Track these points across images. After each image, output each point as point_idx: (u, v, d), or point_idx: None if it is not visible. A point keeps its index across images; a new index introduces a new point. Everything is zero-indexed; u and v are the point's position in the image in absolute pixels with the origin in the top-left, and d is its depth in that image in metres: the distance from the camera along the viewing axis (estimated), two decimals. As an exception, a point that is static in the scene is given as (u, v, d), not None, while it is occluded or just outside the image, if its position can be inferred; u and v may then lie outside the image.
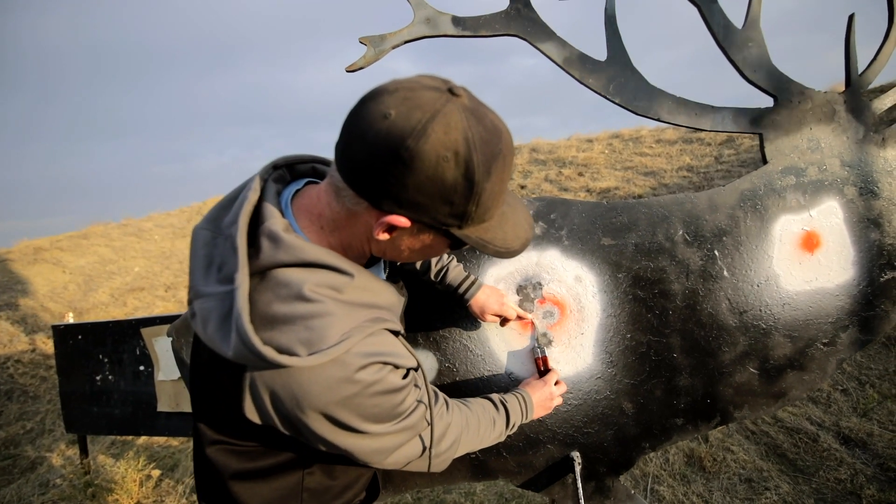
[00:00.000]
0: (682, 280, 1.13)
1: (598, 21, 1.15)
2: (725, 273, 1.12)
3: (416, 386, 0.67)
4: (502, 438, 0.91)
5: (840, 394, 2.47)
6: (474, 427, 0.84)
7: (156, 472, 2.48)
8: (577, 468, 1.15)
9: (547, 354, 1.12)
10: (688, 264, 1.13)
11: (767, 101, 1.14)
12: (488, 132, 0.53)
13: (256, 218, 0.60)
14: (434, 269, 1.06)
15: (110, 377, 2.54)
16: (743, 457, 2.13)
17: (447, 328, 1.18)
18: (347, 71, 1.16)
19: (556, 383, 1.05)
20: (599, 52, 1.15)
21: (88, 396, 2.62)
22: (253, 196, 0.61)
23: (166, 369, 2.34)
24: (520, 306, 1.16)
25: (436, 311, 1.17)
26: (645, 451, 1.18)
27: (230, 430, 0.69)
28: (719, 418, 1.16)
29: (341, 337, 0.56)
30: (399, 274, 0.94)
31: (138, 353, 2.45)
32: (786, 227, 1.12)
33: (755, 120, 1.13)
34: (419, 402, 0.68)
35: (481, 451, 1.20)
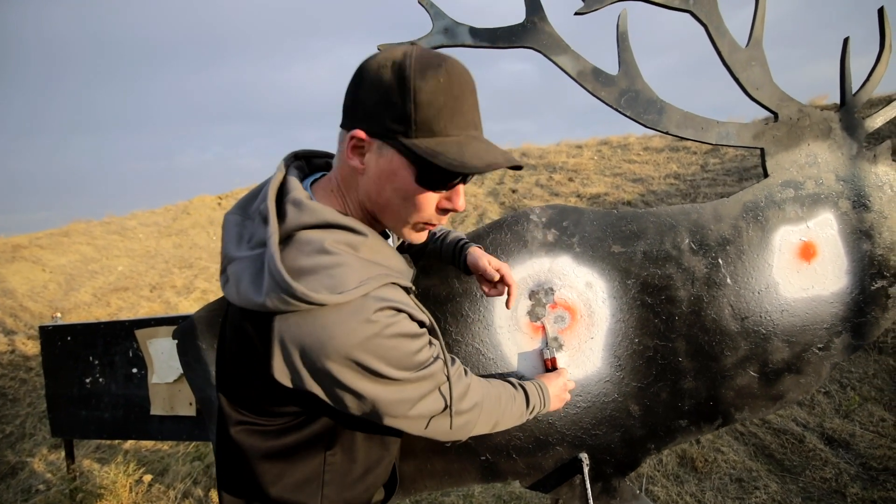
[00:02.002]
0: (688, 287, 1.17)
1: (609, 33, 1.20)
2: (729, 280, 1.17)
3: (430, 343, 0.70)
4: (523, 420, 0.92)
5: (823, 396, 2.57)
6: (495, 397, 0.84)
7: (147, 477, 2.44)
8: (586, 469, 1.18)
9: (556, 356, 1.15)
10: (693, 272, 1.17)
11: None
12: (430, 53, 0.61)
13: (282, 193, 0.67)
14: (433, 241, 1.13)
15: (101, 379, 2.48)
16: (733, 457, 2.20)
17: (459, 332, 1.20)
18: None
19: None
20: (610, 64, 1.20)
21: (77, 399, 2.55)
22: (279, 174, 0.70)
23: (161, 372, 2.30)
24: (532, 311, 1.19)
25: (448, 315, 1.20)
26: (650, 451, 1.22)
27: (255, 407, 0.70)
28: (721, 420, 1.20)
29: (359, 283, 0.61)
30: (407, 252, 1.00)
31: (131, 355, 2.40)
32: (785, 238, 1.18)
33: (757, 136, 1.19)
34: (436, 357, 0.70)
35: (491, 452, 1.22)
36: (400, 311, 0.63)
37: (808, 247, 1.17)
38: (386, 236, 0.80)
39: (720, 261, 1.18)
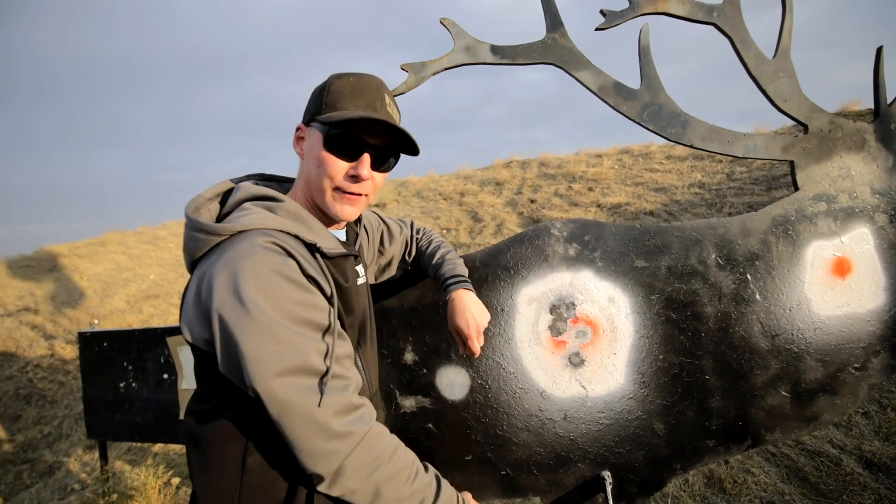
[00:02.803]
0: (715, 303, 1.15)
1: (630, 46, 1.20)
2: (758, 297, 1.14)
3: (318, 308, 0.68)
4: (416, 499, 0.72)
5: (861, 417, 2.44)
6: (390, 451, 0.71)
7: (175, 480, 2.51)
8: (609, 488, 1.16)
9: None
10: (720, 287, 1.15)
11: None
12: (356, 73, 0.80)
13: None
14: (419, 254, 1.15)
15: (134, 384, 2.58)
16: (764, 479, 2.11)
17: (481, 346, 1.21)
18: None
19: None
20: (632, 78, 1.19)
21: (111, 403, 2.66)
22: (223, 185, 0.81)
23: (190, 378, 2.38)
24: (553, 325, 1.18)
25: (470, 329, 1.20)
26: (676, 472, 1.18)
27: (198, 388, 0.76)
28: (751, 441, 1.17)
29: (261, 223, 0.70)
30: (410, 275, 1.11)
31: (162, 361, 2.49)
32: (818, 253, 1.14)
33: (786, 148, 1.16)
34: (321, 330, 0.67)
35: (511, 467, 1.21)
36: (290, 255, 0.68)
37: (842, 262, 1.13)
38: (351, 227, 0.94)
39: (749, 276, 1.15)
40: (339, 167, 0.75)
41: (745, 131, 1.18)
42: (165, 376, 2.49)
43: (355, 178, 0.76)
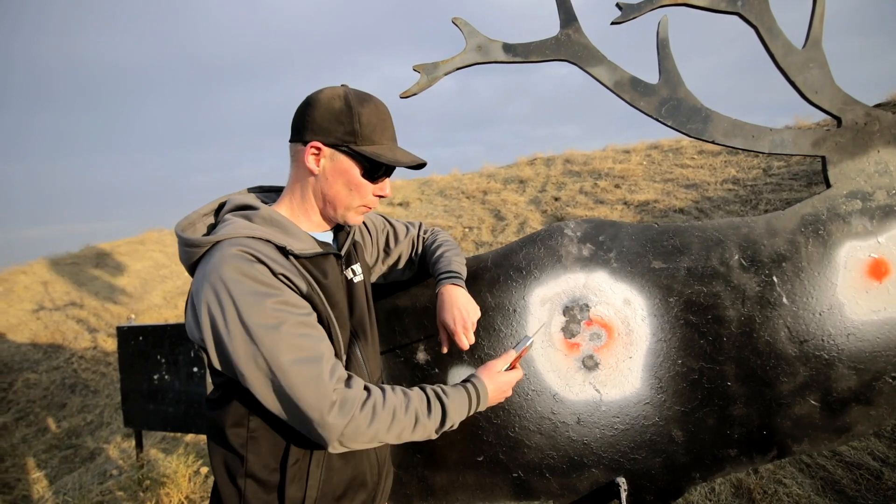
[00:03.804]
0: (738, 306, 1.10)
1: (648, 39, 1.16)
2: (785, 300, 1.08)
3: (289, 304, 0.73)
4: (433, 435, 0.82)
5: (909, 428, 2.28)
6: (390, 407, 0.76)
7: (204, 469, 2.61)
8: (623, 494, 1.13)
9: (524, 350, 0.96)
10: (744, 290, 1.10)
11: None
12: (362, 92, 0.85)
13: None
14: (423, 251, 1.17)
15: (166, 377, 2.71)
16: (797, 491, 2.01)
17: (492, 346, 1.20)
18: (402, 97, 1.21)
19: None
20: (650, 73, 1.15)
21: (146, 394, 2.80)
22: (220, 199, 0.87)
23: (217, 372, 2.47)
24: (566, 327, 1.16)
25: (480, 328, 1.20)
26: (695, 481, 1.14)
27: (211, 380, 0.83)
28: (776, 451, 1.11)
29: (234, 232, 0.76)
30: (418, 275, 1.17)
31: (192, 355, 2.60)
32: (851, 254, 1.07)
33: (817, 143, 1.10)
34: (295, 319, 0.72)
35: (523, 469, 1.20)
36: (260, 260, 0.73)
37: (878, 264, 1.06)
38: (340, 227, 0.96)
39: (775, 278, 1.09)
40: (369, 189, 0.86)
41: (783, 125, 1.12)
42: (195, 370, 2.60)
43: (381, 196, 0.89)
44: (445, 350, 1.04)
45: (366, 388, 0.76)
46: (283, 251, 0.77)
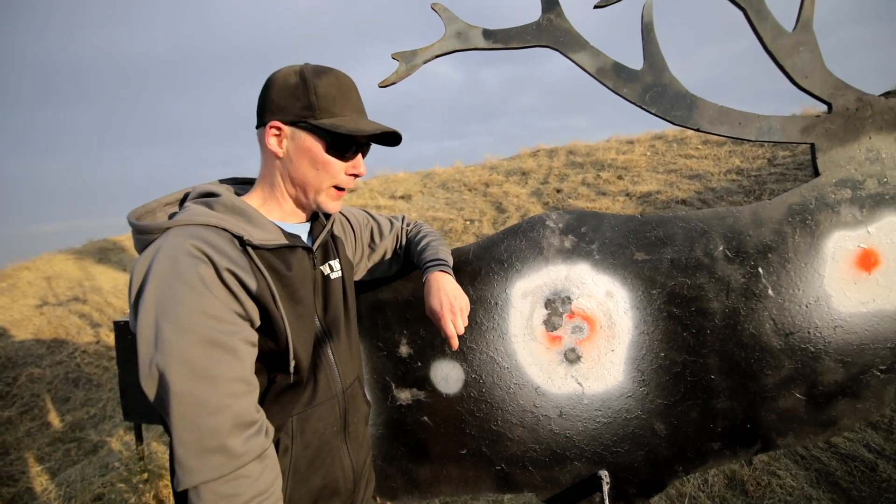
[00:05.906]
0: (722, 298, 1.07)
1: (632, 25, 1.12)
2: (770, 292, 1.06)
3: (214, 317, 0.66)
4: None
5: (907, 420, 2.25)
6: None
7: (201, 462, 2.63)
8: (605, 487, 1.12)
9: None
10: (728, 282, 1.07)
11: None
12: (321, 66, 0.80)
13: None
14: (408, 244, 1.14)
15: (162, 370, 2.72)
16: (790, 482, 1.99)
17: (474, 340, 1.19)
18: (380, 87, 1.19)
19: None
20: (635, 59, 1.12)
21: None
22: (187, 189, 0.82)
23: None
24: (548, 320, 1.14)
25: (463, 323, 1.18)
26: (678, 474, 1.13)
27: None
28: (760, 444, 1.09)
29: (186, 220, 0.71)
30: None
31: (187, 349, 2.61)
32: (840, 244, 1.04)
33: (806, 129, 1.06)
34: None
35: (506, 462, 1.19)
36: (209, 258, 0.67)
37: (867, 255, 1.03)
38: (321, 218, 0.93)
39: (760, 270, 1.07)
40: (339, 167, 0.81)
41: (791, 113, 1.09)
42: (190, 363, 2.61)
43: (355, 175, 0.83)
44: (455, 346, 0.91)
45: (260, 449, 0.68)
46: (241, 241, 0.73)
